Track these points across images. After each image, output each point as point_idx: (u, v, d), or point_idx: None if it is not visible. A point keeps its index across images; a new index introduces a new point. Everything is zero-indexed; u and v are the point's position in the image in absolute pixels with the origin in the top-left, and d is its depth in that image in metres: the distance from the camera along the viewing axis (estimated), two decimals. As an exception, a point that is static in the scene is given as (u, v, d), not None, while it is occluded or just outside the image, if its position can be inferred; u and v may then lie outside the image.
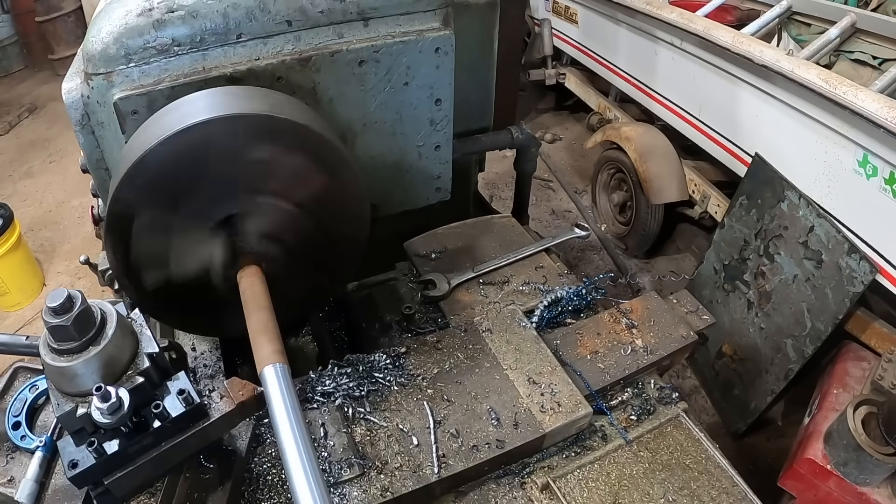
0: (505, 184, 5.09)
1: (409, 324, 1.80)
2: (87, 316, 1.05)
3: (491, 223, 2.18)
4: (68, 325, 1.02)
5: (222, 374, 1.76)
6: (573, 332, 1.70)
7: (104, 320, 1.08)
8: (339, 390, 1.49)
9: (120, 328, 1.09)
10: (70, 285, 4.35)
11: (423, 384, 1.52)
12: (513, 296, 1.85)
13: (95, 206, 2.18)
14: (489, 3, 1.86)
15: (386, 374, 1.53)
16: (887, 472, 1.99)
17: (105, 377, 1.05)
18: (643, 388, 1.63)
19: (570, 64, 5.41)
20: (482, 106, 2.10)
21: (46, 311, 1.02)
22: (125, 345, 1.11)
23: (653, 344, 1.64)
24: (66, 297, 1.02)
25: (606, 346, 1.64)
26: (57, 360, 1.04)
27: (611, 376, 1.58)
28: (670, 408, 1.58)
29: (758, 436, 3.15)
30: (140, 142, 1.22)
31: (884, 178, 2.44)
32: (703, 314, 1.78)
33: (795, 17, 3.74)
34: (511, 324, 1.66)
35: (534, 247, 2.00)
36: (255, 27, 1.41)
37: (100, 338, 1.06)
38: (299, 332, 2.12)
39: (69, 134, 5.97)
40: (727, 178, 3.61)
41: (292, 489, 0.97)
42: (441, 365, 1.57)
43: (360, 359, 1.56)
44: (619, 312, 1.73)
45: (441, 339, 1.64)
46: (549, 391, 1.48)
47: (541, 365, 1.55)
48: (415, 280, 1.95)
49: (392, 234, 2.01)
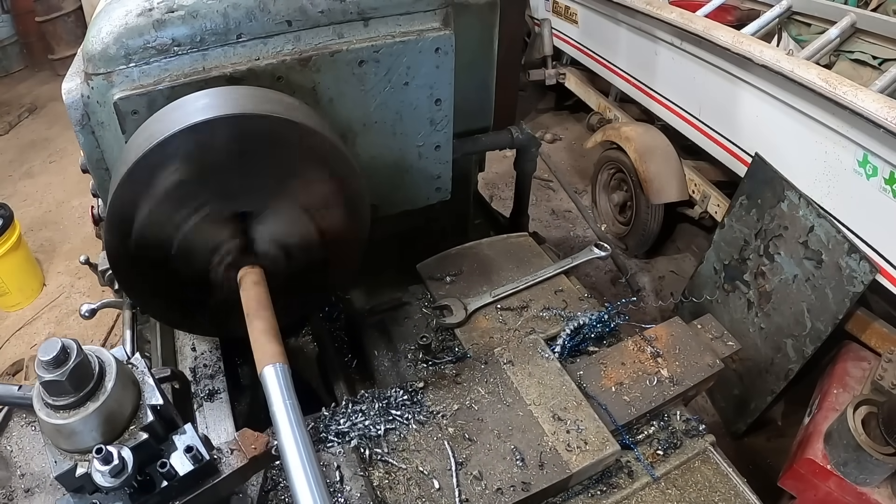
0: (505, 184, 5.09)
1: (426, 354, 1.72)
2: (83, 369, 0.95)
3: (507, 242, 2.11)
4: (63, 381, 0.92)
5: (222, 374, 1.76)
6: (597, 363, 1.63)
7: (102, 371, 0.98)
8: (355, 430, 1.41)
9: (120, 380, 0.99)
10: (70, 285, 4.35)
11: (444, 422, 1.45)
12: (533, 322, 1.78)
13: (95, 206, 2.18)
14: (489, 3, 1.86)
15: (404, 411, 1.46)
16: (887, 472, 1.99)
17: (105, 434, 0.97)
18: (669, 421, 1.58)
19: (570, 64, 5.41)
20: (482, 106, 2.10)
21: (39, 365, 0.92)
22: (126, 398, 1.01)
23: (679, 374, 1.59)
24: (59, 350, 0.91)
25: (631, 377, 1.58)
26: (52, 416, 0.95)
27: (637, 410, 1.52)
28: (697, 441, 1.53)
29: (758, 436, 3.15)
30: (171, 119, 1.22)
31: (884, 178, 2.44)
32: (728, 340, 1.73)
33: (795, 17, 3.74)
34: (533, 355, 1.59)
35: (552, 269, 1.93)
36: (255, 27, 1.41)
37: (98, 392, 0.96)
38: (299, 332, 2.12)
39: (69, 134, 5.97)
40: (727, 178, 3.61)
41: (293, 490, 0.97)
42: (461, 400, 1.49)
43: (375, 394, 1.50)
44: (643, 340, 1.67)
45: (460, 373, 1.56)
46: (574, 428, 1.42)
47: (565, 399, 1.48)
48: (429, 306, 1.88)
49: (392, 234, 2.01)
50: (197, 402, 1.68)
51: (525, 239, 2.15)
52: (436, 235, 2.28)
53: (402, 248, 2.20)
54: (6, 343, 3.94)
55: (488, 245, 2.09)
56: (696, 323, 1.78)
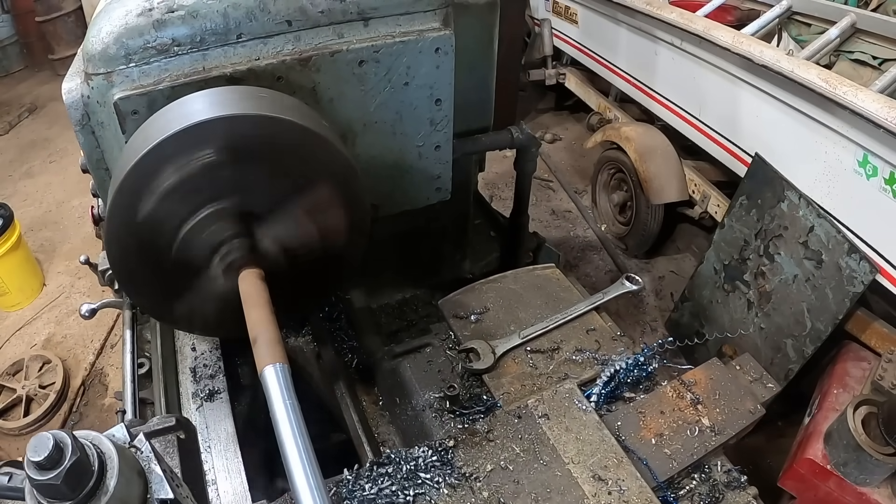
0: (505, 184, 5.09)
1: (453, 404, 1.63)
2: (80, 467, 0.82)
3: (533, 275, 2.03)
4: (58, 483, 0.79)
5: (222, 374, 1.76)
6: (635, 412, 1.55)
7: (103, 466, 0.86)
8: (382, 496, 1.30)
9: (124, 474, 0.87)
10: (70, 285, 4.35)
11: (477, 485, 1.33)
12: (565, 366, 1.69)
13: (95, 206, 2.18)
14: (489, 3, 1.86)
15: (433, 474, 1.34)
16: (887, 472, 1.99)
17: None
18: (710, 473, 1.50)
19: (570, 64, 5.41)
20: (482, 106, 2.10)
21: (29, 465, 0.78)
22: (132, 493, 0.89)
23: (720, 422, 1.52)
24: (52, 447, 0.77)
25: (672, 427, 1.51)
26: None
27: (678, 463, 1.44)
28: (739, 494, 1.46)
29: (758, 436, 3.15)
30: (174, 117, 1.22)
31: (884, 178, 2.44)
32: (768, 382, 1.67)
33: (795, 17, 3.74)
34: (569, 407, 1.50)
35: (582, 306, 1.84)
36: (255, 27, 1.41)
37: (99, 492, 0.84)
38: (299, 332, 2.12)
39: (69, 134, 5.97)
40: (727, 178, 3.61)
41: (293, 490, 0.97)
42: (495, 460, 1.38)
43: (402, 455, 1.39)
44: (682, 386, 1.60)
45: (492, 429, 1.46)
46: (616, 489, 1.33)
47: (605, 457, 1.39)
48: (454, 348, 1.78)
49: (392, 234, 2.01)
50: (197, 402, 1.68)
51: (552, 271, 2.06)
52: (436, 235, 2.28)
53: (402, 248, 2.20)
54: (6, 343, 3.94)
55: (513, 278, 1.99)
56: (735, 364, 1.72)
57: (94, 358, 3.80)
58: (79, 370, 3.73)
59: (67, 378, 3.65)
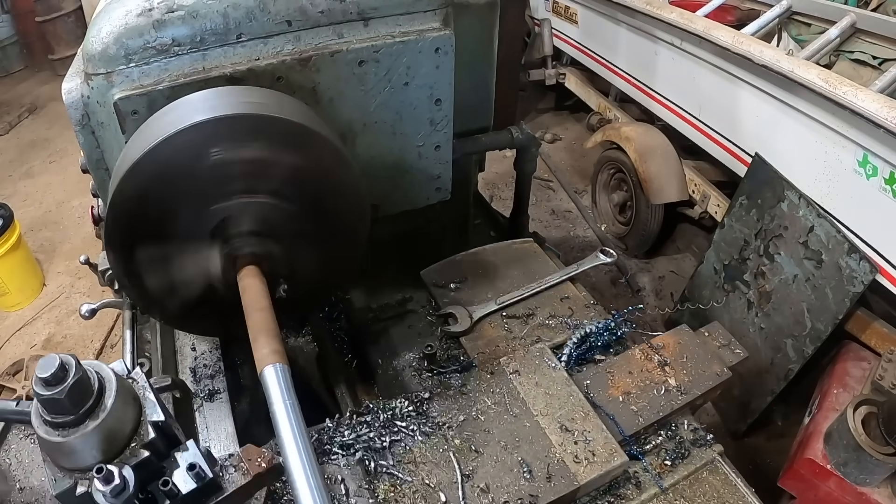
0: (505, 184, 5.09)
1: (431, 363, 1.70)
2: (82, 386, 0.93)
3: (511, 248, 2.10)
4: (62, 398, 0.90)
5: (222, 374, 1.76)
6: (604, 371, 1.62)
7: (102, 388, 0.96)
8: (360, 442, 1.39)
9: (120, 396, 0.97)
10: (70, 285, 4.35)
11: (450, 433, 1.42)
12: (538, 331, 1.77)
13: (95, 206, 2.17)
14: (489, 3, 1.86)
15: (409, 423, 1.43)
16: (887, 472, 1.99)
17: (105, 452, 0.95)
18: (677, 430, 1.56)
19: (570, 64, 5.41)
20: (482, 106, 2.10)
21: (36, 382, 0.90)
22: (127, 414, 0.99)
23: (686, 383, 1.58)
24: (58, 366, 0.89)
25: (639, 386, 1.57)
26: (51, 434, 0.93)
27: (644, 419, 1.51)
28: (705, 451, 1.51)
29: (758, 436, 3.15)
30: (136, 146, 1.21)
31: (884, 178, 2.44)
32: (736, 348, 1.72)
33: (795, 17, 3.74)
34: (540, 364, 1.58)
35: (557, 276, 1.91)
36: (255, 27, 1.41)
37: (98, 409, 0.94)
38: (299, 332, 2.12)
39: (69, 134, 5.97)
40: (727, 178, 3.61)
41: (293, 490, 0.97)
42: (467, 411, 1.48)
43: (380, 405, 1.48)
44: (650, 349, 1.66)
45: (466, 383, 1.55)
46: (582, 439, 1.41)
47: (573, 410, 1.47)
48: (434, 313, 1.86)
49: (392, 234, 2.00)
50: (197, 402, 1.68)
51: (530, 245, 2.14)
52: (436, 235, 2.28)
53: (402, 248, 2.20)
54: (6, 343, 3.94)
55: (493, 251, 2.07)
56: (704, 331, 1.77)
57: (94, 358, 3.80)
58: (79, 370, 3.73)
59: (67, 378, 3.64)
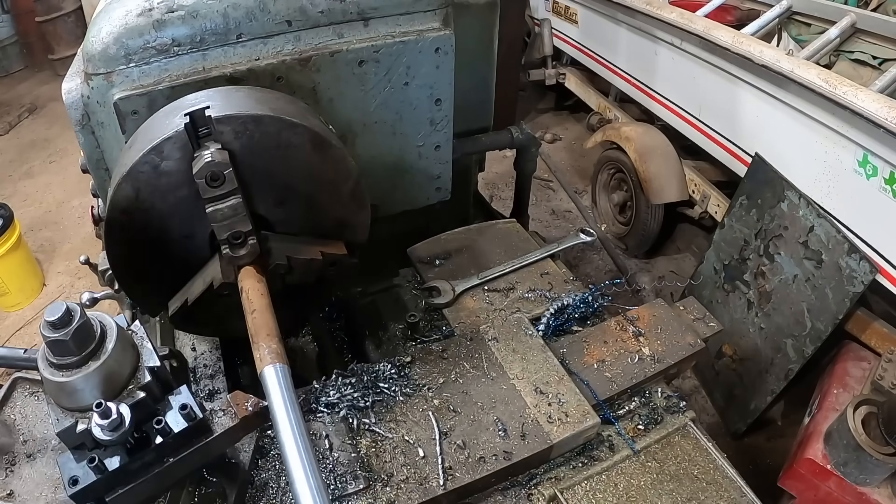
0: (505, 184, 5.09)
1: (414, 332, 1.76)
2: (86, 330, 1.02)
3: (495, 228, 2.15)
4: (67, 340, 0.98)
5: (222, 374, 1.76)
6: (580, 341, 1.67)
7: (104, 334, 1.05)
8: (344, 401, 1.45)
9: (120, 342, 1.06)
10: (70, 285, 4.35)
11: (429, 394, 1.49)
12: (518, 303, 1.82)
13: (95, 206, 2.18)
14: (489, 3, 1.86)
15: (391, 384, 1.50)
16: (887, 472, 1.99)
17: (105, 392, 1.03)
18: (650, 397, 1.61)
19: (570, 64, 5.41)
20: (482, 106, 2.10)
21: (44, 325, 0.99)
22: (126, 359, 1.08)
23: (660, 352, 1.62)
24: (64, 311, 0.98)
25: (613, 355, 1.62)
26: (56, 374, 1.01)
27: (618, 385, 1.55)
28: (678, 417, 1.56)
29: (758, 436, 3.15)
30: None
31: (884, 178, 2.44)
32: (710, 321, 1.76)
33: (795, 17, 3.74)
34: (517, 332, 1.64)
35: (538, 253, 1.97)
36: (255, 27, 1.41)
37: (100, 352, 1.03)
38: (299, 332, 2.12)
39: (69, 134, 5.97)
40: (727, 178, 3.61)
41: (293, 489, 0.97)
42: (447, 375, 1.54)
43: (364, 368, 1.54)
44: (625, 320, 1.71)
45: (446, 349, 1.61)
46: (556, 401, 1.46)
47: (548, 374, 1.52)
48: (419, 287, 1.92)
49: (392, 234, 2.00)
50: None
51: (513, 225, 2.19)
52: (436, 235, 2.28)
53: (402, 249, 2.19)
54: (6, 343, 3.94)
55: (477, 231, 2.12)
56: (679, 304, 1.82)
57: (94, 358, 3.80)
58: (79, 370, 3.73)
59: (67, 378, 3.65)
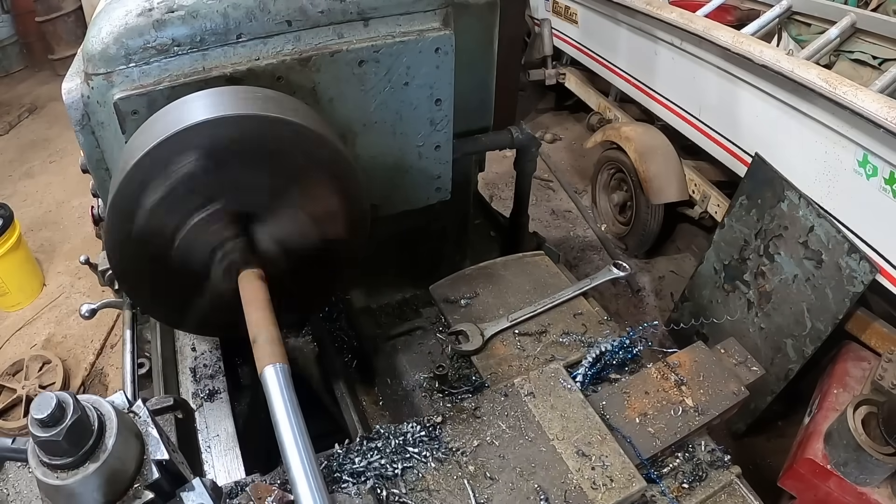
0: (505, 184, 5.09)
1: (441, 384, 1.66)
2: (81, 425, 0.87)
3: (522, 262, 2.07)
4: (59, 440, 0.84)
5: (222, 374, 1.76)
6: (619, 392, 1.58)
7: (102, 426, 0.91)
8: (371, 469, 1.33)
9: (122, 435, 0.92)
10: (70, 285, 4.36)
11: (463, 459, 1.37)
12: (552, 349, 1.73)
13: (95, 206, 2.18)
14: (489, 3, 1.86)
15: (421, 449, 1.38)
16: (887, 472, 1.99)
17: (107, 494, 0.90)
18: (694, 452, 1.54)
19: (570, 64, 5.42)
20: (482, 106, 2.10)
21: (33, 423, 0.84)
22: (129, 453, 0.94)
23: (703, 402, 1.55)
24: (55, 406, 0.83)
25: (655, 407, 1.54)
26: (49, 475, 0.87)
27: (662, 441, 1.47)
28: (723, 472, 1.49)
29: (758, 436, 3.15)
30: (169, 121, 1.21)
31: (884, 178, 2.44)
32: (753, 365, 1.69)
33: (795, 17, 3.74)
34: (555, 386, 1.53)
35: (570, 291, 1.87)
36: (255, 27, 1.41)
37: (98, 450, 0.88)
38: (299, 332, 2.12)
39: (69, 134, 5.97)
40: (727, 178, 3.61)
41: (293, 489, 0.97)
42: (481, 436, 1.42)
43: (391, 431, 1.43)
44: (667, 367, 1.63)
45: (479, 406, 1.49)
46: (599, 464, 1.36)
47: (589, 433, 1.42)
48: (444, 331, 1.82)
49: (392, 234, 2.00)
50: (197, 402, 1.68)
51: (541, 258, 2.10)
52: (436, 235, 2.28)
53: (402, 248, 2.20)
54: (6, 343, 3.94)
55: (503, 265, 2.03)
56: (720, 347, 1.74)
57: (94, 358, 3.80)
58: (79, 370, 3.73)
59: (67, 378, 3.65)
